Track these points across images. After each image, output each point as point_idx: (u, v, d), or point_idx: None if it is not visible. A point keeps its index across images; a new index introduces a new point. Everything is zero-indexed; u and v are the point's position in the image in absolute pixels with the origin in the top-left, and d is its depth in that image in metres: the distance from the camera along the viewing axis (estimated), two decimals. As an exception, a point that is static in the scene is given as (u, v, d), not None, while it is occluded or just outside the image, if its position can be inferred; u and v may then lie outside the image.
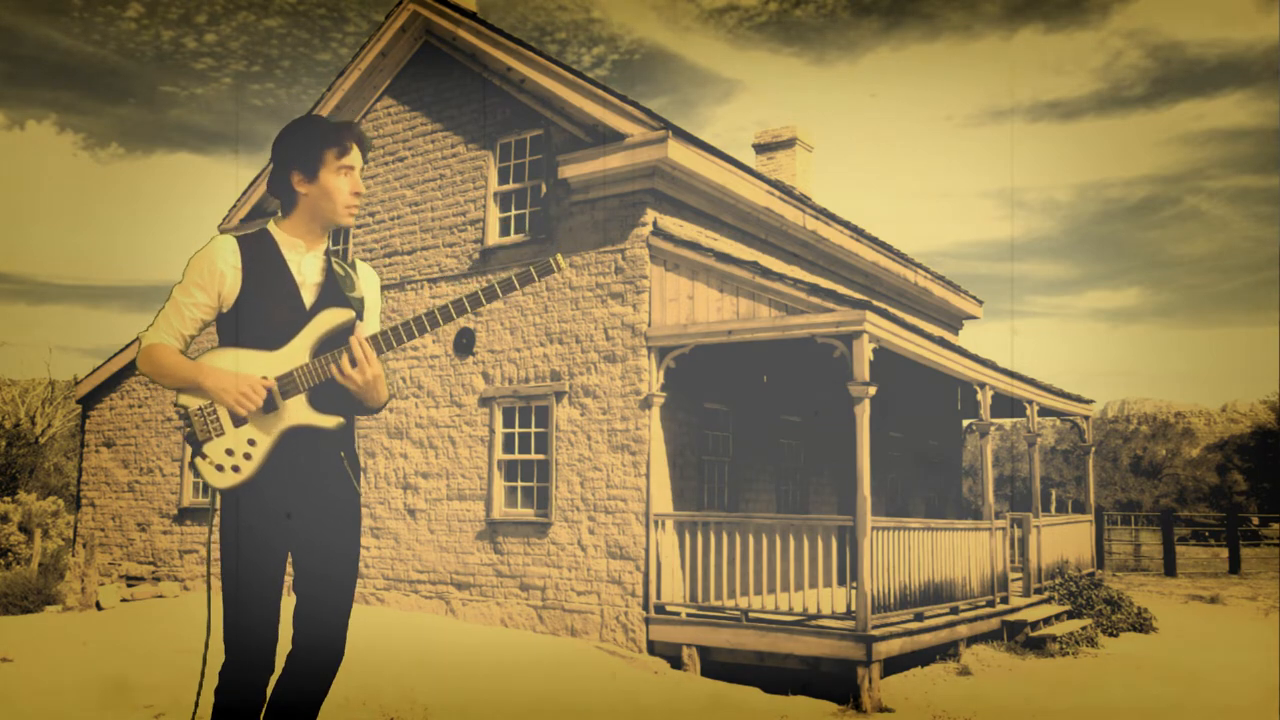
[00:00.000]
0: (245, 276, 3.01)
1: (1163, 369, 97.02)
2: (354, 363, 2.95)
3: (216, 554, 3.13)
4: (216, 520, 3.11)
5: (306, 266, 3.10)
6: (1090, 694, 9.65)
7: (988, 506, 12.55)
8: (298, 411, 2.99)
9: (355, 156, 3.09)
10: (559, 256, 3.03)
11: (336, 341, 3.05)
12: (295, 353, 3.00)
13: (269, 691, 3.03)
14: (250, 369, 2.96)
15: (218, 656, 3.01)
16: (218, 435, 2.95)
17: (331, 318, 3.06)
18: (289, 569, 3.06)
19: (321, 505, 3.03)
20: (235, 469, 2.94)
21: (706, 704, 8.61)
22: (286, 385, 2.97)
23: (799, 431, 14.24)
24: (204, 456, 2.96)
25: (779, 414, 13.76)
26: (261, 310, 3.00)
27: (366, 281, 3.21)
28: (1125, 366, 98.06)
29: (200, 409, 2.96)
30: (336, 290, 3.10)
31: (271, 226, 3.13)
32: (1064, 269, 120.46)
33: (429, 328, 3.00)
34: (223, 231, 3.19)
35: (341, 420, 3.05)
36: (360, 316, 3.13)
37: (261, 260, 3.04)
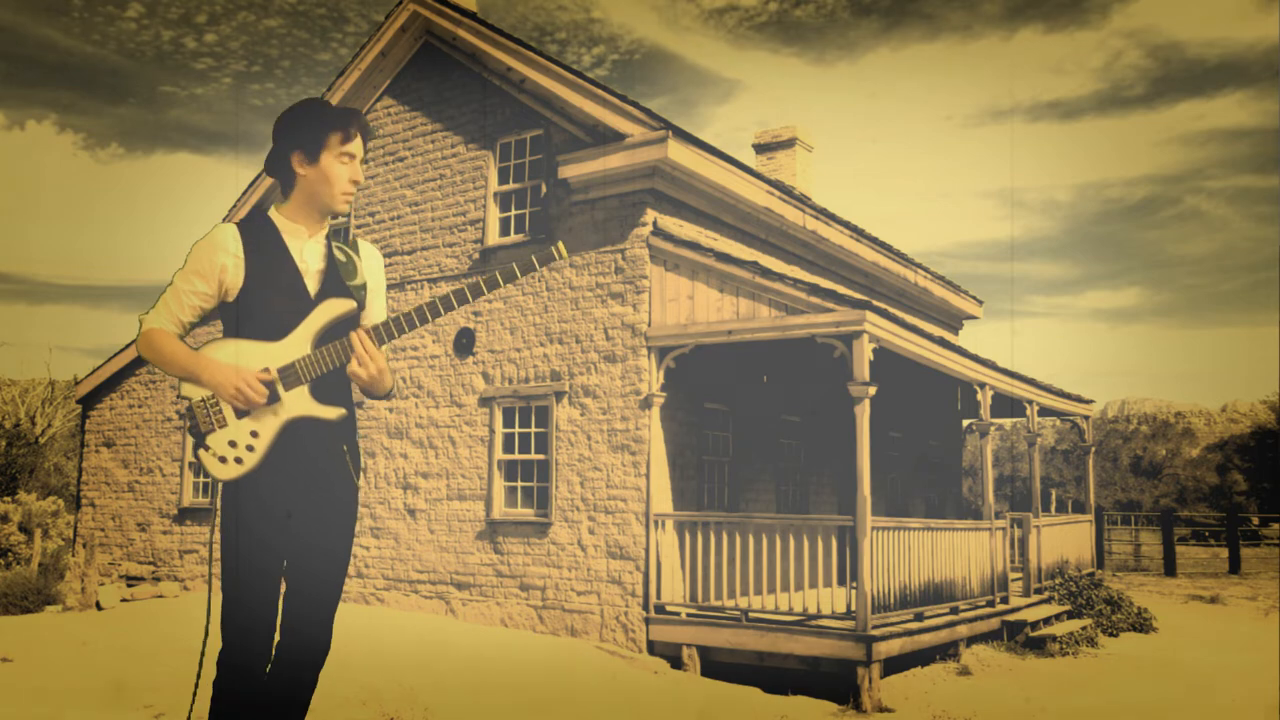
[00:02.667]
0: (248, 266, 2.99)
1: (1163, 369, 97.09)
2: (358, 361, 2.94)
3: (217, 554, 3.12)
4: (218, 520, 3.11)
5: (309, 253, 3.08)
6: (1090, 694, 9.65)
7: (988, 506, 12.55)
8: (300, 403, 2.98)
9: (358, 145, 3.07)
10: (560, 245, 3.01)
11: (338, 331, 3.04)
12: (297, 343, 2.99)
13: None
14: (251, 360, 2.94)
15: (216, 654, 3.01)
16: (220, 427, 2.95)
17: (333, 308, 3.04)
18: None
19: (321, 500, 3.03)
20: (238, 460, 2.94)
21: (706, 704, 8.60)
22: (288, 376, 2.96)
23: (799, 431, 14.24)
24: (207, 448, 2.95)
25: (779, 414, 13.76)
26: (264, 299, 2.99)
27: (369, 264, 3.19)
28: (1125, 366, 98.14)
29: (203, 401, 2.95)
30: (338, 278, 3.09)
31: (273, 212, 3.10)
32: (1064, 269, 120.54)
33: (430, 317, 2.98)
34: None
35: (343, 411, 3.05)
36: (362, 305, 3.12)
37: (264, 248, 3.02)
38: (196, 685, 3.17)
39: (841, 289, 13.90)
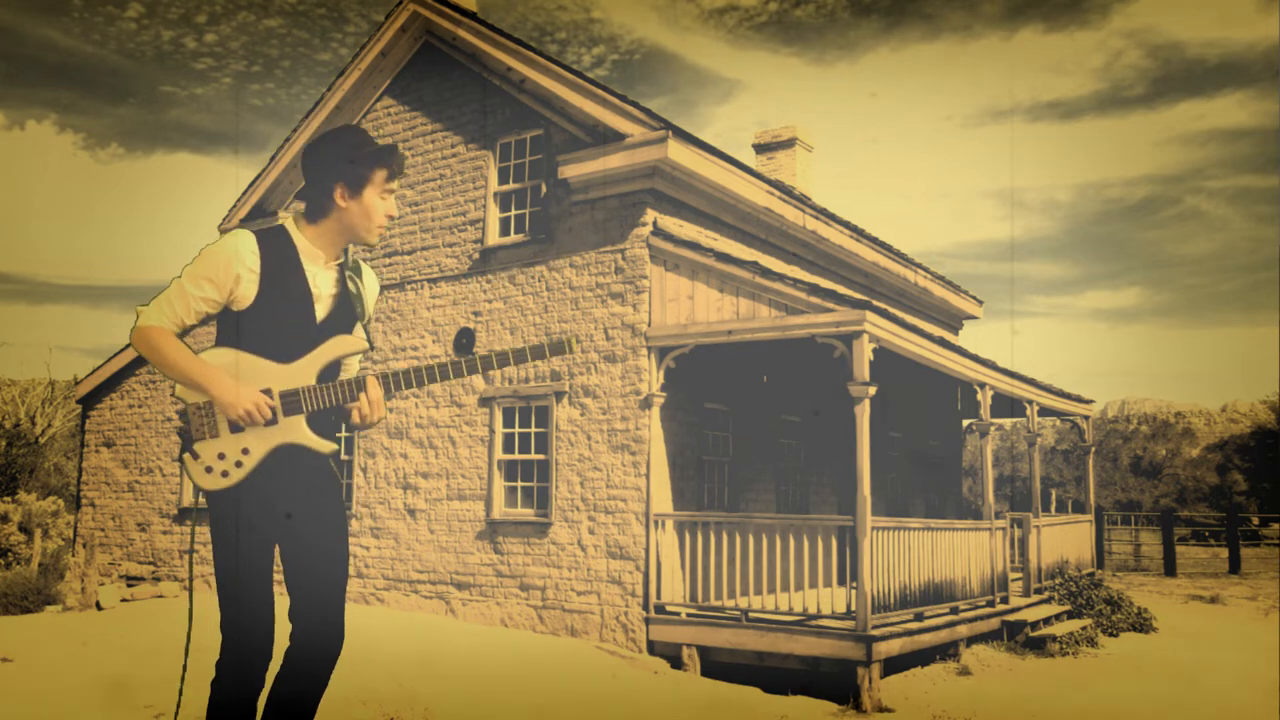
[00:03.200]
0: (262, 281, 2.97)
1: (1163, 369, 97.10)
2: (368, 406, 2.98)
3: (202, 554, 3.14)
4: (207, 522, 3.11)
5: (322, 279, 3.08)
6: (1090, 694, 9.65)
7: (988, 506, 12.55)
8: (295, 430, 2.98)
9: (395, 180, 3.10)
10: (574, 341, 3.06)
11: (340, 367, 3.08)
12: (303, 371, 2.98)
13: (267, 682, 3.04)
14: (253, 376, 2.93)
15: (206, 653, 3.01)
16: (212, 437, 2.94)
17: (343, 345, 3.05)
18: (282, 568, 3.07)
19: (315, 507, 3.05)
20: (224, 474, 2.94)
21: (706, 704, 8.60)
22: (290, 403, 2.96)
23: (799, 431, 14.24)
24: (195, 456, 2.95)
25: (779, 414, 13.76)
26: (272, 318, 2.98)
27: (370, 292, 3.20)
28: (1125, 366, 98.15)
29: (199, 406, 2.94)
30: (348, 308, 3.10)
31: (292, 228, 3.08)
32: (1064, 269, 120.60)
33: (439, 378, 3.02)
34: (223, 232, 3.16)
35: (334, 446, 3.07)
36: (372, 345, 3.15)
37: (280, 267, 3.00)
38: (181, 684, 3.17)
39: (841, 289, 13.90)
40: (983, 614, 11.66)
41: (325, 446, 3.02)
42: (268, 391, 2.94)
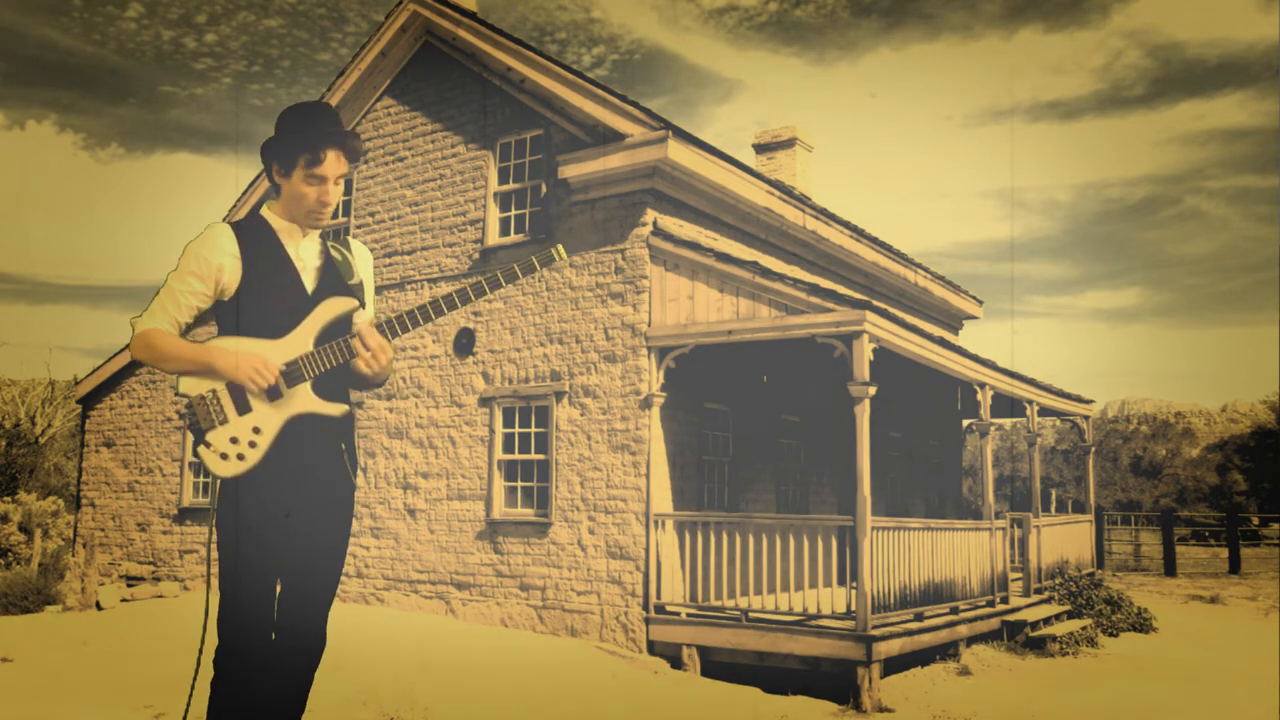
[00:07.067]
0: (245, 264, 2.99)
1: (1163, 369, 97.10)
2: (373, 354, 2.96)
3: (215, 554, 3.12)
4: (215, 520, 3.10)
5: (304, 251, 3.09)
6: (1090, 694, 9.65)
7: (988, 506, 12.55)
8: (303, 399, 2.98)
9: (331, 167, 3.00)
10: (560, 247, 3.03)
11: (339, 329, 3.05)
12: (299, 340, 2.98)
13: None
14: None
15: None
16: (222, 423, 2.92)
17: (335, 306, 3.05)
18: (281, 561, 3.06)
19: (319, 499, 3.03)
20: (240, 457, 2.91)
21: (706, 704, 8.60)
22: (292, 373, 2.96)
23: (799, 431, 14.23)
24: (208, 445, 2.92)
25: (779, 414, 13.76)
26: (263, 298, 2.99)
27: (362, 263, 3.20)
28: (1125, 366, 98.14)
29: (203, 396, 2.92)
30: (336, 276, 3.10)
31: (266, 211, 3.11)
32: (1064, 269, 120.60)
33: (433, 316, 3.00)
34: None
35: (346, 408, 3.06)
36: (364, 304, 3.14)
37: (260, 247, 3.02)
38: (194, 684, 3.17)
39: (841, 289, 13.90)
40: (983, 614, 11.66)
41: (335, 409, 3.02)
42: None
